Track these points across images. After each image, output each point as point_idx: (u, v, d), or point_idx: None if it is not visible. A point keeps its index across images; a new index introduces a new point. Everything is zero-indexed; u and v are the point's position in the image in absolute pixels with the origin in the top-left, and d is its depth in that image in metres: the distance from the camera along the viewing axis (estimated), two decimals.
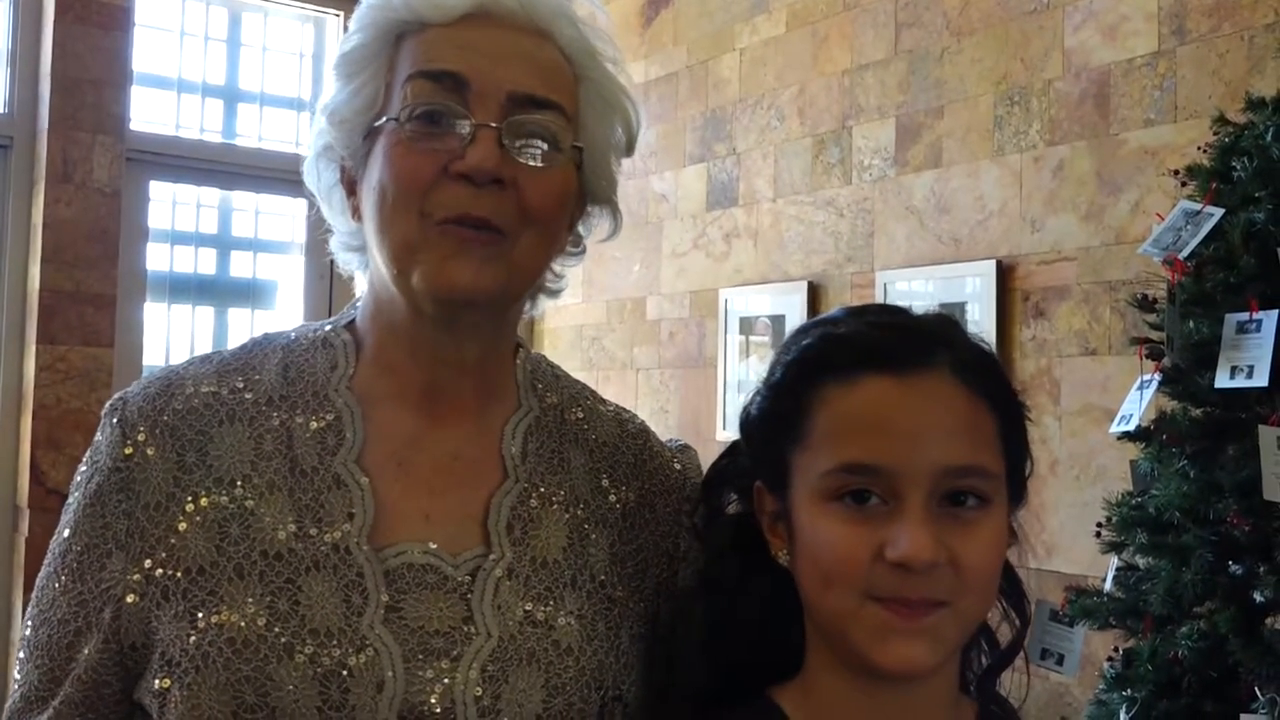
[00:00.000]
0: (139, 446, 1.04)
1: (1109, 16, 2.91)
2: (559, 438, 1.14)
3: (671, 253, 4.25)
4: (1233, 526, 1.91)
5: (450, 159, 1.00)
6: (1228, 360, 1.93)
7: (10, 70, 4.02)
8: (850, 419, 0.92)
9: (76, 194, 3.91)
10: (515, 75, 1.03)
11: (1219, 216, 2.00)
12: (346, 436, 1.06)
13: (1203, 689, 1.94)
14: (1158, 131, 2.79)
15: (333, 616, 0.97)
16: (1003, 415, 0.95)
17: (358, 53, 1.07)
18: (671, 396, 4.19)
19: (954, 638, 0.93)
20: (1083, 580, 2.26)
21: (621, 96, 1.12)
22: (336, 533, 1.01)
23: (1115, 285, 2.84)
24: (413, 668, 0.97)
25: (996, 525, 0.93)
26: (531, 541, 1.06)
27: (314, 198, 1.17)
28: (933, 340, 0.95)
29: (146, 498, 1.03)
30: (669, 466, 1.19)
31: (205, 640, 0.96)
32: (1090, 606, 2.09)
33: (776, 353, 1.02)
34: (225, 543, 1.00)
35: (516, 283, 1.06)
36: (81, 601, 1.03)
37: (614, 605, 1.08)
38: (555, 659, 1.01)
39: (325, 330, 1.14)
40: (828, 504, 0.92)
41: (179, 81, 4.42)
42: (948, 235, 3.27)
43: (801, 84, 3.76)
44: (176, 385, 1.08)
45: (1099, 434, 2.75)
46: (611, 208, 1.18)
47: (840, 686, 0.95)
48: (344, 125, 1.07)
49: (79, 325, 3.88)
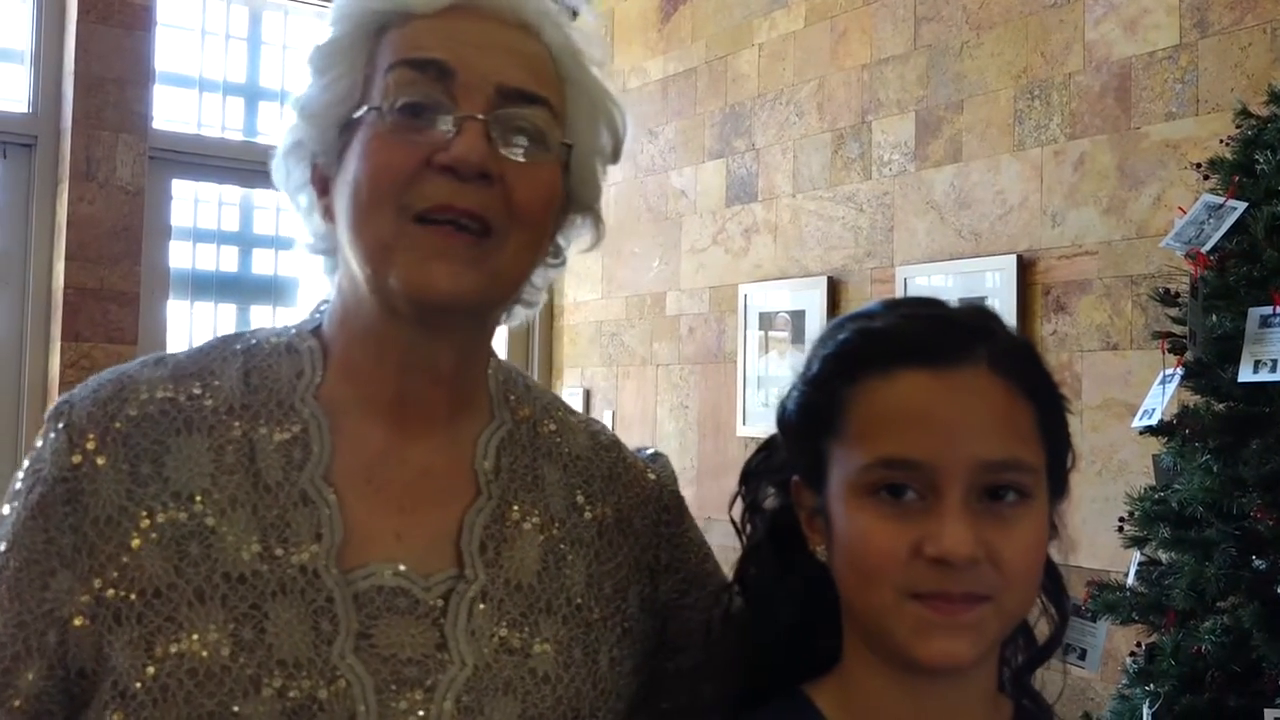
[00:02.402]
0: (88, 455, 0.96)
1: (1130, 9, 2.90)
2: (533, 452, 1.09)
3: (691, 248, 4.25)
4: (1256, 521, 1.90)
5: (433, 151, 0.95)
6: (1251, 354, 1.92)
7: (34, 70, 4.04)
8: (888, 414, 0.91)
9: (100, 192, 3.93)
10: (503, 67, 0.98)
11: (1242, 210, 1.99)
12: (313, 450, 0.99)
13: (1226, 684, 1.94)
14: (1179, 125, 2.78)
15: (301, 645, 0.91)
16: (1042, 407, 0.94)
17: (334, 45, 1.01)
18: (691, 392, 4.19)
19: (995, 633, 0.93)
20: (1105, 575, 2.25)
21: (607, 100, 1.08)
22: (304, 554, 0.95)
23: (1137, 279, 2.83)
24: (385, 699, 0.92)
25: (1037, 520, 0.92)
26: (505, 563, 1.01)
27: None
28: (970, 333, 0.94)
29: (96, 511, 0.94)
30: (644, 478, 1.15)
31: (164, 671, 0.90)
32: (1113, 601, 2.08)
33: (812, 347, 1.01)
34: (184, 563, 0.93)
35: (499, 288, 1.00)
36: (20, 623, 0.94)
37: (591, 629, 1.04)
38: (532, 688, 0.97)
39: (290, 335, 1.06)
40: (865, 499, 0.91)
41: (200, 80, 4.44)
42: (968, 230, 3.26)
43: (820, 79, 3.76)
44: (130, 390, 1.00)
45: (1120, 429, 2.74)
46: (594, 217, 1.12)
47: (878, 682, 0.94)
48: (316, 120, 1.01)
49: (103, 322, 3.91)
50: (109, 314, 3.92)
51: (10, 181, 4.01)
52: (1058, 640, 1.03)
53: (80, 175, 3.91)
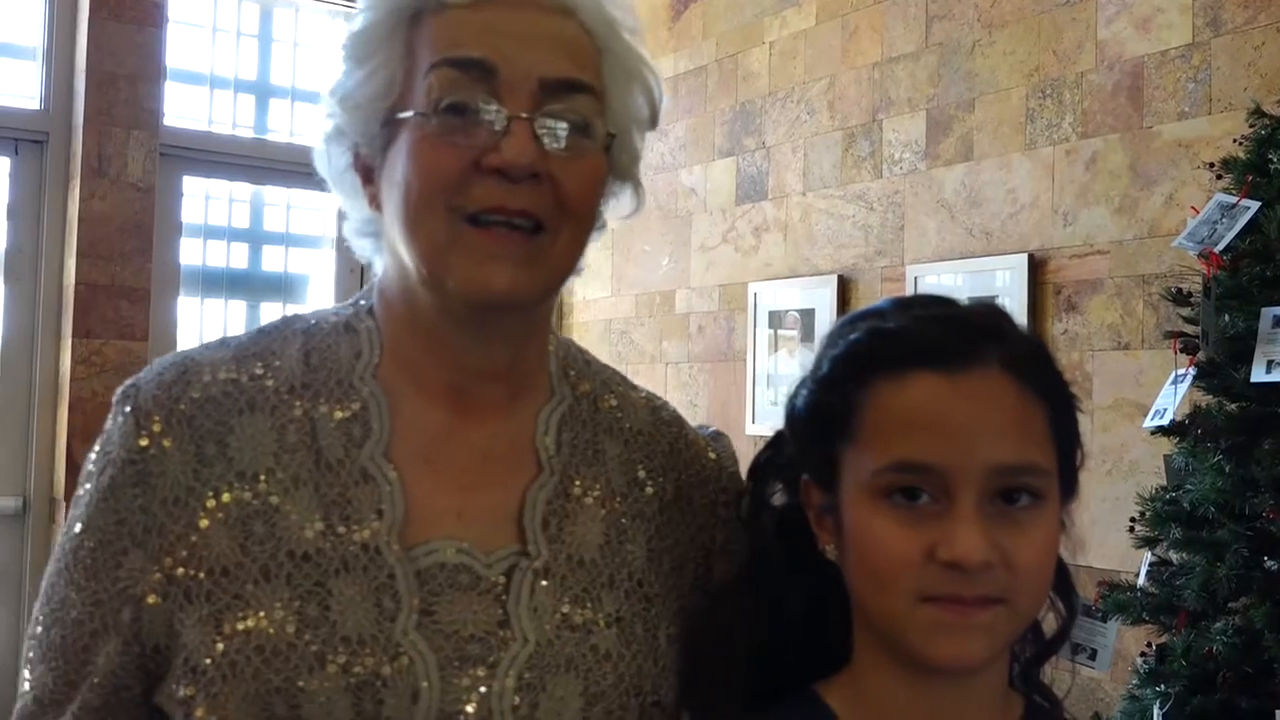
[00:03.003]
0: (155, 438, 0.98)
1: (1143, 8, 2.88)
2: (593, 427, 1.09)
3: (701, 246, 4.25)
4: (1268, 521, 1.89)
5: (481, 153, 0.94)
6: (1264, 354, 1.91)
7: (46, 66, 4.05)
8: (901, 417, 0.90)
9: (111, 189, 3.94)
10: (545, 58, 0.97)
11: (1255, 209, 1.98)
12: (373, 428, 1.00)
13: (1238, 685, 1.93)
14: (1192, 124, 2.76)
15: (364, 622, 0.93)
16: (1054, 408, 0.93)
17: (370, 33, 1.00)
18: (700, 390, 4.18)
19: (1008, 633, 0.92)
20: (1115, 575, 2.24)
21: (642, 67, 1.06)
22: (366, 531, 0.96)
23: (1148, 279, 2.82)
24: (448, 675, 0.93)
25: (1049, 522, 0.92)
26: (568, 539, 1.02)
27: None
28: (983, 335, 0.93)
29: (164, 492, 0.97)
30: (704, 456, 1.15)
31: (232, 648, 0.92)
32: (1123, 601, 2.08)
33: (822, 345, 1.00)
34: (250, 542, 0.95)
35: (556, 281, 1.02)
36: (97, 602, 0.97)
37: (651, 605, 1.03)
38: (594, 665, 0.97)
39: (348, 314, 1.07)
40: (878, 502, 0.90)
41: (211, 77, 4.45)
42: (979, 229, 3.25)
43: (831, 77, 3.75)
44: (193, 372, 1.01)
45: (1131, 428, 2.73)
46: (634, 183, 1.11)
47: (889, 682, 0.94)
48: (358, 111, 1.00)
49: (114, 319, 3.92)
50: (120, 310, 3.93)
51: (22, 178, 4.03)
52: (1065, 634, 1.03)
53: (92, 172, 3.92)
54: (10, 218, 4.01)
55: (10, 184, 4.02)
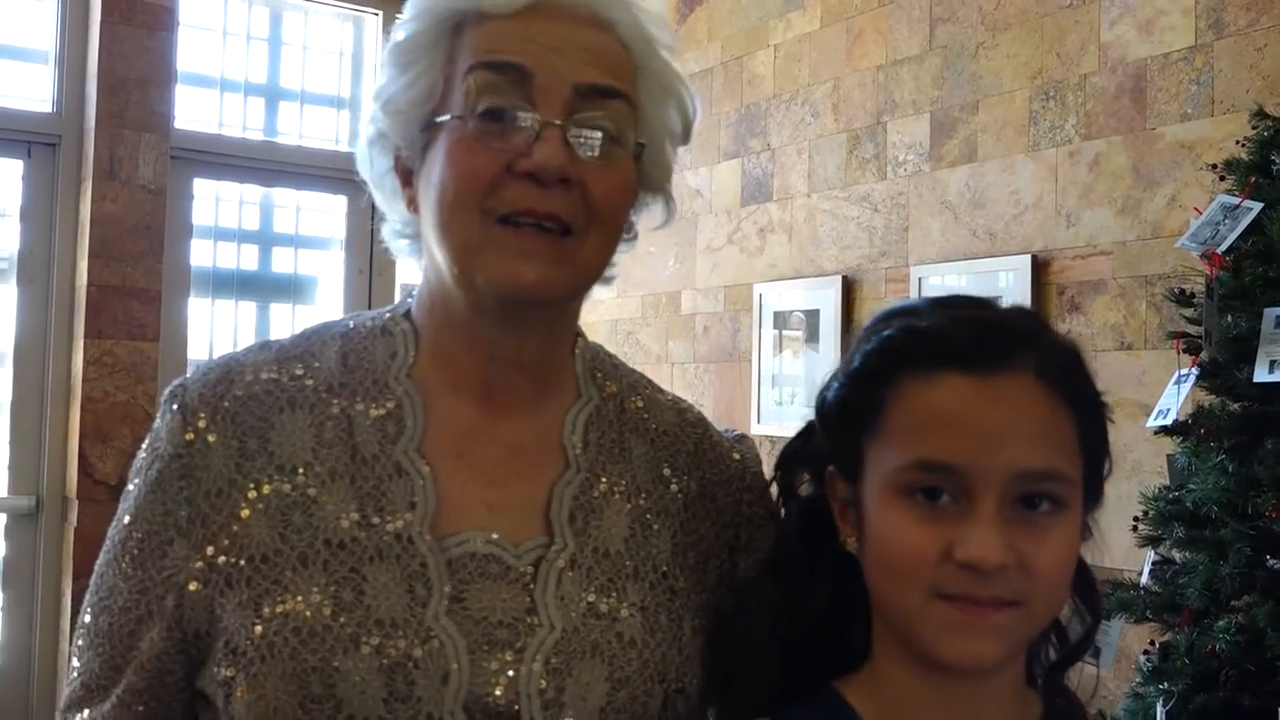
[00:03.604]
0: (200, 433, 1.02)
1: (1146, 10, 2.88)
2: (620, 427, 1.12)
3: (706, 248, 4.25)
4: (1271, 521, 1.89)
5: (514, 156, 0.97)
6: (1267, 355, 1.91)
7: (58, 70, 4.06)
8: (928, 416, 0.90)
9: (122, 191, 3.95)
10: (579, 66, 0.99)
11: (1258, 211, 1.98)
12: (407, 425, 1.04)
13: (1240, 683, 1.93)
14: (1195, 126, 2.76)
15: (397, 607, 0.96)
16: (1083, 417, 0.93)
17: (414, 41, 1.03)
18: (706, 390, 4.19)
19: (1022, 635, 0.92)
20: (1119, 574, 2.24)
21: (677, 83, 1.09)
22: (399, 522, 0.99)
23: (1151, 280, 2.82)
24: (477, 659, 0.96)
25: (1069, 529, 0.91)
26: (594, 532, 1.05)
27: (360, 189, 1.14)
28: (1017, 340, 0.92)
29: (208, 484, 1.01)
30: (728, 456, 1.18)
31: (271, 630, 0.95)
32: (1127, 600, 2.08)
33: (857, 339, 1.00)
34: (288, 531, 0.99)
35: (584, 282, 1.04)
36: (143, 589, 1.01)
37: (676, 597, 1.06)
38: (619, 651, 1.00)
39: (384, 318, 1.11)
40: (899, 498, 0.90)
41: (222, 80, 4.45)
42: (983, 230, 3.25)
43: (836, 79, 3.75)
44: (236, 372, 1.06)
45: (1135, 428, 2.72)
46: (665, 195, 1.15)
47: (907, 680, 0.94)
48: (400, 116, 1.04)
49: (125, 320, 3.92)
50: (131, 311, 3.93)
51: (35, 180, 4.04)
52: (1089, 640, 1.03)
53: (103, 174, 3.93)
54: (23, 220, 4.02)
55: (23, 186, 4.03)
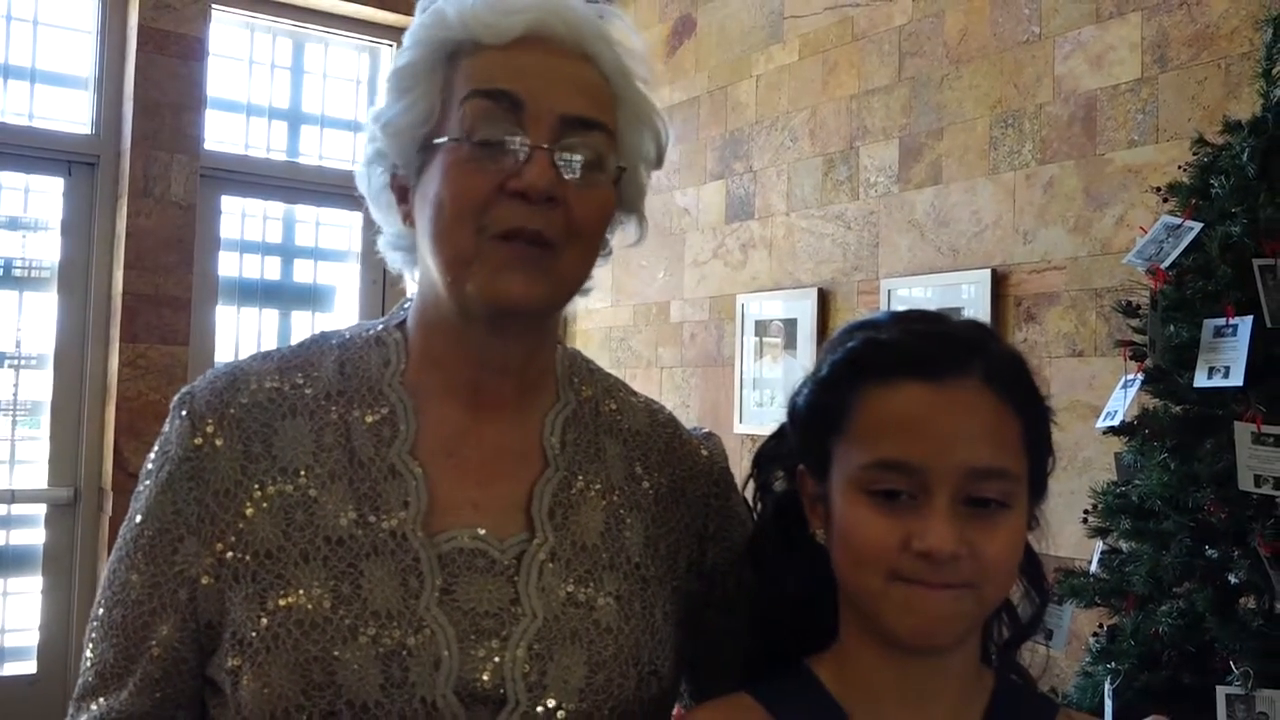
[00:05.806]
0: (208, 437, 1.02)
1: (1096, 46, 2.89)
2: (595, 428, 1.12)
3: (693, 261, 4.25)
4: (1209, 514, 1.89)
5: (506, 177, 0.97)
6: (1205, 361, 1.91)
7: (97, 95, 4.06)
8: (888, 420, 0.91)
9: (156, 207, 3.94)
10: (566, 97, 1.00)
11: (1198, 230, 1.98)
12: (400, 429, 1.03)
13: (1181, 663, 1.93)
14: (1141, 151, 2.77)
15: (392, 599, 0.96)
16: (1028, 419, 0.94)
17: (412, 68, 1.03)
18: (692, 392, 4.18)
19: (974, 617, 0.94)
20: (1070, 562, 2.24)
21: (652, 113, 1.10)
22: (394, 520, 0.99)
23: (1101, 292, 2.82)
24: (466, 647, 0.96)
25: (1016, 521, 0.93)
26: (572, 526, 1.04)
27: (368, 206, 1.13)
28: (967, 349, 0.94)
29: (216, 485, 1.00)
30: (697, 453, 1.18)
31: (275, 622, 0.95)
32: (1077, 586, 2.08)
33: (824, 349, 1.01)
34: (291, 528, 0.98)
35: (562, 293, 1.04)
36: (156, 583, 1.00)
37: (648, 585, 1.06)
38: (596, 638, 1.00)
39: (378, 329, 1.11)
40: (862, 494, 0.92)
41: (248, 105, 4.45)
42: (946, 246, 3.25)
43: (813, 108, 3.75)
44: (241, 380, 1.05)
45: (1085, 428, 2.72)
46: (639, 215, 1.15)
47: (871, 657, 0.95)
48: (399, 136, 1.04)
49: (158, 325, 3.92)
50: (163, 318, 3.93)
51: (75, 197, 4.03)
52: (1038, 620, 1.04)
53: (138, 191, 3.92)
54: (64, 233, 4.02)
55: (64, 203, 4.02)
